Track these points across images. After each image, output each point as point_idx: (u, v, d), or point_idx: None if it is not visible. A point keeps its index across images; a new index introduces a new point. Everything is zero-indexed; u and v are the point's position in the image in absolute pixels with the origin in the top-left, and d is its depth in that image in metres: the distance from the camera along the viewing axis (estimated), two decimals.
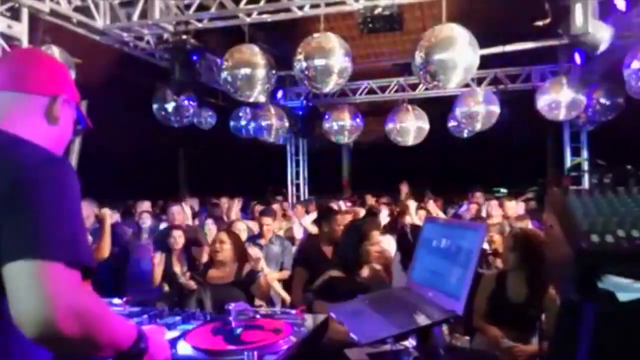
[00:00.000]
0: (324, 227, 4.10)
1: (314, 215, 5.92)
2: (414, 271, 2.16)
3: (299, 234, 6.15)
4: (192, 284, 3.52)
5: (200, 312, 2.37)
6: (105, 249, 3.99)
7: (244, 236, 4.71)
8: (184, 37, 6.15)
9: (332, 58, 5.44)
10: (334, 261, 3.28)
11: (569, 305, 1.53)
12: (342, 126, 8.94)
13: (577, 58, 6.29)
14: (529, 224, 4.53)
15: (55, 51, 5.79)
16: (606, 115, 7.65)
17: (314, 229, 5.20)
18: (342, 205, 6.99)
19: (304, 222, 6.19)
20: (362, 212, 6.18)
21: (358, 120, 8.98)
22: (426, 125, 8.52)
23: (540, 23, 5.85)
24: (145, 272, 4.75)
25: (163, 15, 6.01)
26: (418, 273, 2.13)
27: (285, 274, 4.84)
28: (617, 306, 1.29)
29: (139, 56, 7.02)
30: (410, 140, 8.57)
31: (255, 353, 1.74)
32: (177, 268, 4.54)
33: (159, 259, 4.51)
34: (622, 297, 1.29)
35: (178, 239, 4.67)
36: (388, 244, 4.51)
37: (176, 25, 6.23)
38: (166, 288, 4.55)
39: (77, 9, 5.65)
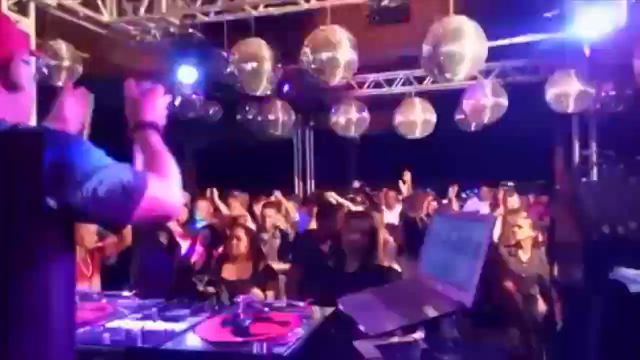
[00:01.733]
0: (324, 222, 4.10)
1: None
2: (423, 263, 2.16)
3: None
4: (211, 289, 3.52)
5: (209, 304, 2.39)
6: (128, 237, 3.96)
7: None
8: (191, 30, 6.15)
9: (338, 51, 5.42)
10: (329, 257, 3.25)
11: (579, 295, 1.53)
12: (349, 119, 8.92)
13: (586, 50, 6.24)
14: (524, 216, 4.45)
15: (62, 46, 5.81)
16: (615, 107, 7.58)
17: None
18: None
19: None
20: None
21: (364, 113, 8.95)
22: (433, 118, 8.48)
23: (548, 14, 5.80)
24: (149, 267, 4.72)
25: (169, 9, 6.01)
26: (427, 265, 2.13)
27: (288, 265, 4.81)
28: (626, 297, 1.28)
29: (145, 50, 7.03)
30: (417, 133, 8.54)
31: (264, 345, 1.75)
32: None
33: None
34: (632, 287, 1.28)
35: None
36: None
37: (183, 19, 6.23)
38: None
39: (83, 3, 5.66)
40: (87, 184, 1.07)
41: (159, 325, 2.08)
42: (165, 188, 1.22)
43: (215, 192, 5.91)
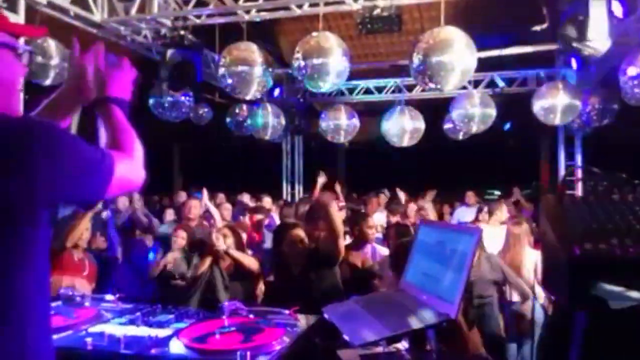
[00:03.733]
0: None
1: None
2: (408, 274, 2.17)
3: None
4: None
5: (194, 310, 2.37)
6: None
7: None
8: (182, 32, 6.12)
9: (330, 57, 5.42)
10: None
11: (562, 311, 1.55)
12: (338, 125, 8.94)
13: (574, 63, 6.33)
14: (525, 227, 4.47)
15: (51, 44, 5.75)
16: (601, 120, 7.68)
17: None
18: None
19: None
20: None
21: (354, 119, 8.98)
22: (422, 126, 8.53)
23: (537, 27, 5.89)
24: (136, 268, 4.68)
25: (161, 10, 5.98)
26: (412, 276, 2.14)
27: None
28: (608, 313, 1.30)
29: (136, 50, 6.99)
30: (406, 141, 8.58)
31: (248, 353, 1.75)
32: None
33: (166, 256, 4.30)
34: (614, 304, 1.30)
35: (180, 240, 4.25)
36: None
37: (174, 21, 6.20)
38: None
39: (74, 2, 5.61)
40: (65, 169, 1.11)
41: (143, 331, 2.06)
42: (131, 166, 1.28)
43: (206, 193, 5.78)
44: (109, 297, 2.50)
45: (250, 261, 3.69)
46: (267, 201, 7.08)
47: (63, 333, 2.02)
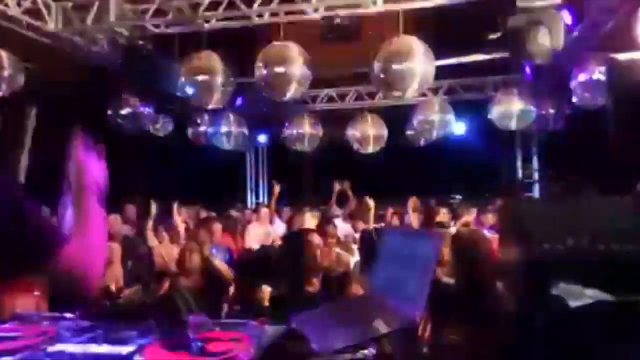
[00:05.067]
0: None
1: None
2: (375, 279, 2.18)
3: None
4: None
5: (157, 325, 2.32)
6: None
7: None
8: (140, 42, 6.02)
9: (292, 66, 5.46)
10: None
11: (522, 311, 1.59)
12: (302, 134, 8.96)
13: (527, 70, 6.56)
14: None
15: (3, 55, 5.57)
16: (555, 125, 7.97)
17: None
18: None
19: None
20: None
21: (318, 127, 9.02)
22: (385, 133, 8.65)
23: (492, 36, 6.07)
24: None
25: (119, 20, 5.87)
26: (378, 281, 2.16)
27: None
28: (568, 312, 1.34)
29: (92, 61, 6.81)
30: (370, 148, 8.67)
31: None
32: (112, 284, 4.17)
33: None
34: (573, 303, 1.35)
35: (115, 251, 4.30)
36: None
37: (132, 30, 6.09)
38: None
39: (27, 12, 5.45)
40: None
41: (105, 349, 2.00)
42: (88, 251, 1.26)
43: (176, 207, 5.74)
44: (68, 315, 2.42)
45: (227, 271, 3.69)
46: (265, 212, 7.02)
47: (19, 355, 1.93)
